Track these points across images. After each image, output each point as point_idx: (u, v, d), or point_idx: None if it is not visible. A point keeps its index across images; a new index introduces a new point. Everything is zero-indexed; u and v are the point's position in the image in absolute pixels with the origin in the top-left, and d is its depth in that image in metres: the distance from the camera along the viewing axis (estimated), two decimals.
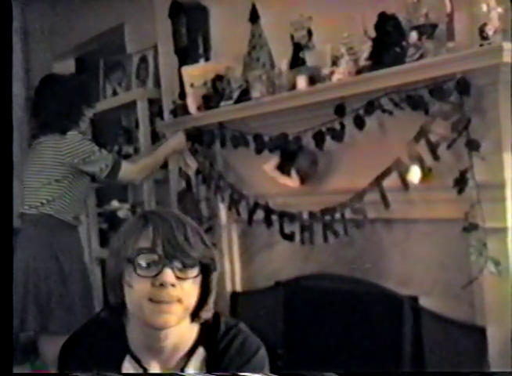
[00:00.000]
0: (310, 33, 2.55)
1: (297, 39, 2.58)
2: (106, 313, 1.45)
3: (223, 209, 3.06)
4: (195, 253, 1.35)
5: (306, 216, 2.58)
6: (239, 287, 3.10)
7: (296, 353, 2.68)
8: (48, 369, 2.79)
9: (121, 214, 3.88)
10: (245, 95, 2.74)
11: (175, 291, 1.33)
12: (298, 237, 2.62)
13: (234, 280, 3.10)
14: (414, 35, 2.12)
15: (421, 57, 2.09)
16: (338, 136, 2.39)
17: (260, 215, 2.79)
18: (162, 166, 3.25)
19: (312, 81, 2.46)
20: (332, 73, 2.37)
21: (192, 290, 1.36)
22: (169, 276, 1.32)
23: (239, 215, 2.94)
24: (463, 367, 2.08)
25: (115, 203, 4.06)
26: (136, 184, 3.46)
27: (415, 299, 2.29)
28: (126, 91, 3.85)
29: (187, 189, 3.12)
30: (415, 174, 2.15)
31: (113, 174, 2.86)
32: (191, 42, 3.17)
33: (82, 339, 1.48)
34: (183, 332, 1.41)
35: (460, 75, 1.98)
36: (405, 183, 2.19)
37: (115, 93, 3.95)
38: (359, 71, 2.29)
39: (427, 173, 2.16)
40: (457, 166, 2.05)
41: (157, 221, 1.36)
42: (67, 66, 4.48)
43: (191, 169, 3.08)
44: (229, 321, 1.47)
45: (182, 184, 3.16)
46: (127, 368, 1.42)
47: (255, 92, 2.66)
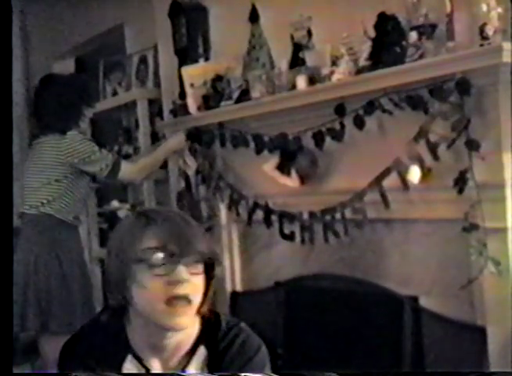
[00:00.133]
0: (310, 33, 2.55)
1: (297, 39, 2.58)
2: (107, 316, 1.44)
3: (223, 209, 3.06)
4: (203, 248, 1.36)
5: (306, 216, 2.58)
6: (239, 287, 3.10)
7: (296, 353, 2.68)
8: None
9: (121, 214, 3.88)
10: (245, 95, 2.74)
11: (188, 287, 1.34)
12: (298, 237, 2.62)
13: (234, 280, 3.10)
14: (414, 35, 2.12)
15: (421, 57, 2.08)
16: (338, 136, 2.39)
17: (260, 215, 2.79)
18: (162, 166, 3.25)
19: (312, 81, 2.46)
20: (332, 73, 2.37)
21: (199, 286, 1.37)
22: (184, 272, 1.33)
23: (238, 215, 2.94)
24: (463, 367, 2.07)
25: (115, 203, 4.05)
26: (136, 184, 3.46)
27: (415, 299, 2.29)
28: (126, 91, 3.85)
29: (187, 189, 3.12)
30: (415, 174, 2.15)
31: (113, 174, 2.86)
32: (191, 42, 3.17)
33: (83, 339, 1.48)
34: (186, 330, 1.41)
35: (460, 75, 1.98)
36: (405, 183, 2.19)
37: (115, 93, 3.95)
38: (359, 71, 2.29)
39: (427, 173, 2.15)
40: (457, 166, 2.05)
41: (160, 218, 1.36)
42: (67, 66, 4.49)
43: (191, 169, 3.08)
44: (230, 320, 1.47)
45: (182, 184, 3.16)
46: (128, 368, 1.42)
47: (255, 92, 2.66)
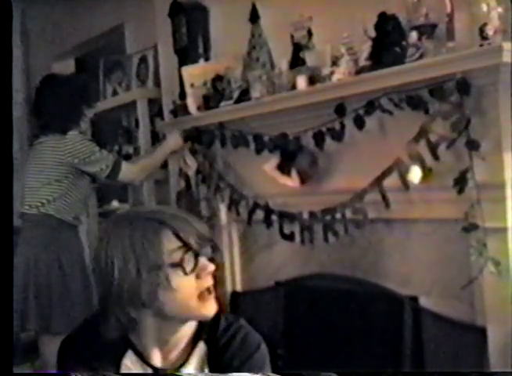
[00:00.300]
0: (310, 33, 2.55)
1: (297, 39, 2.58)
2: (114, 333, 1.38)
3: (223, 209, 3.06)
4: (209, 234, 1.40)
5: (306, 216, 2.58)
6: (239, 287, 3.10)
7: (296, 353, 2.68)
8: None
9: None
10: (245, 95, 2.74)
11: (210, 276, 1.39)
12: (298, 237, 2.62)
13: (234, 280, 3.10)
14: (414, 35, 2.12)
15: (421, 57, 2.08)
16: (338, 136, 2.39)
17: (260, 215, 2.79)
18: (162, 166, 3.25)
19: (312, 81, 2.46)
20: (332, 73, 2.37)
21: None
22: (206, 263, 1.36)
23: (239, 215, 2.94)
24: (463, 367, 2.08)
25: (115, 203, 4.06)
26: (136, 184, 3.46)
27: (415, 299, 2.29)
28: (126, 91, 3.85)
29: (187, 189, 3.12)
30: (415, 174, 2.15)
31: (113, 174, 2.86)
32: (191, 42, 3.17)
33: (81, 336, 1.47)
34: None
35: (460, 75, 1.98)
36: (405, 183, 2.19)
37: (115, 93, 3.95)
38: (359, 71, 2.29)
39: (427, 173, 2.15)
40: (457, 166, 2.05)
41: (167, 218, 1.36)
42: (67, 66, 4.49)
43: (191, 169, 3.08)
44: (230, 317, 1.48)
45: (182, 184, 3.16)
46: (127, 364, 1.41)
47: (255, 92, 2.66)
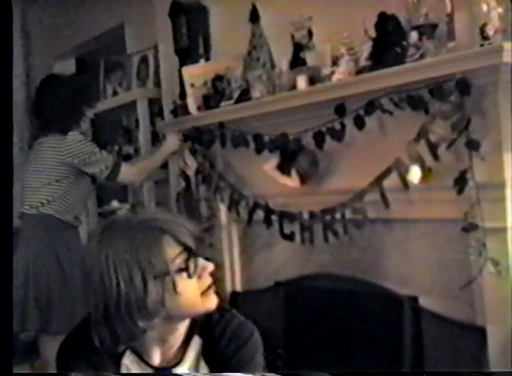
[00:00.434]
0: (310, 33, 2.55)
1: (298, 39, 2.59)
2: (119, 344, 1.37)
3: (223, 209, 3.06)
4: (199, 232, 1.40)
5: (306, 216, 2.58)
6: (239, 287, 3.11)
7: (296, 353, 2.68)
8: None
9: (121, 214, 3.87)
10: (245, 95, 2.74)
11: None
12: (298, 237, 2.62)
13: (234, 280, 3.10)
14: (414, 35, 2.12)
15: (421, 57, 2.08)
16: (338, 136, 2.39)
17: (260, 215, 2.79)
18: (162, 166, 3.25)
19: (312, 81, 2.46)
20: (332, 73, 2.37)
21: None
22: (204, 261, 1.37)
23: (239, 215, 2.94)
24: (463, 367, 2.07)
25: (115, 203, 4.05)
26: (135, 185, 3.46)
27: (415, 299, 2.29)
28: (126, 91, 3.85)
29: (187, 189, 3.12)
30: (415, 174, 2.15)
31: (112, 176, 2.86)
32: (191, 42, 3.17)
33: (80, 336, 1.46)
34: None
35: (460, 75, 1.98)
36: (405, 183, 2.19)
37: (115, 93, 3.95)
38: (359, 71, 2.29)
39: (427, 173, 2.15)
40: (457, 166, 2.05)
41: (167, 224, 1.36)
42: (67, 66, 4.49)
43: (191, 169, 3.08)
44: (221, 308, 1.47)
45: (182, 184, 3.16)
46: (127, 363, 1.41)
47: (255, 92, 2.66)
